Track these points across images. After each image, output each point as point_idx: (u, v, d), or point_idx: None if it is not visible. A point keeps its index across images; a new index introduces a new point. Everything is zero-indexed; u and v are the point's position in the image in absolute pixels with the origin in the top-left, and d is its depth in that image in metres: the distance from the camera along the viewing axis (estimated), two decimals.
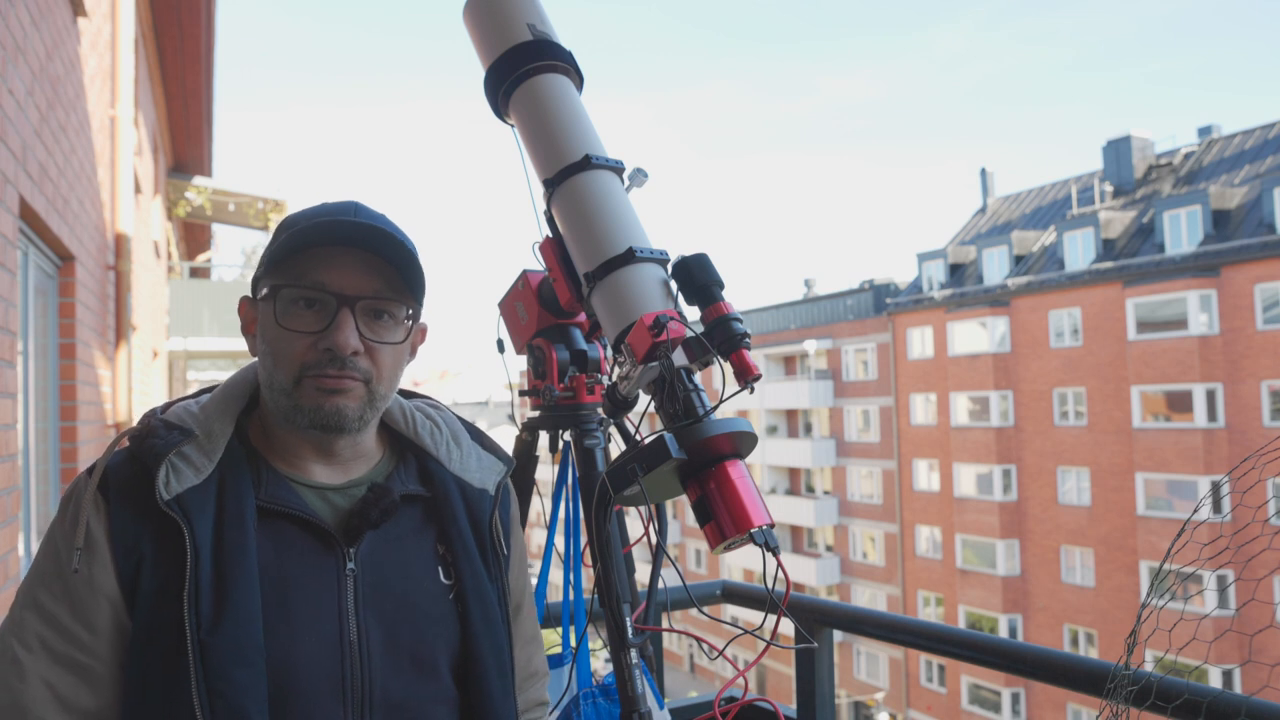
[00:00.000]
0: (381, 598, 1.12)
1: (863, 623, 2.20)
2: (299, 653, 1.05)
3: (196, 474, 1.07)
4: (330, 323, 1.09)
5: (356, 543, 1.12)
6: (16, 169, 3.18)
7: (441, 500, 1.21)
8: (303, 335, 1.09)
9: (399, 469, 1.21)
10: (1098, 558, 24.50)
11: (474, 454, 1.28)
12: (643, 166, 1.59)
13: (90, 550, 1.03)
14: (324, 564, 1.10)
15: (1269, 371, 21.03)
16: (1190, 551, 1.40)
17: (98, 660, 1.03)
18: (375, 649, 1.09)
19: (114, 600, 1.03)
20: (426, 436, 1.25)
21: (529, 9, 1.69)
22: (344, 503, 1.15)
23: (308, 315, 1.09)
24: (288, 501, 1.10)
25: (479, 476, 1.26)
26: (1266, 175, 23.21)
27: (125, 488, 1.06)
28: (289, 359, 1.09)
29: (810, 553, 34.09)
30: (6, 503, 3.07)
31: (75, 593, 1.03)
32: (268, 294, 1.11)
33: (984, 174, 33.76)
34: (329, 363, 1.08)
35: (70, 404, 4.41)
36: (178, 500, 1.04)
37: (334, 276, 1.09)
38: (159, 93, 8.86)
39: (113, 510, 1.05)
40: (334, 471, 1.17)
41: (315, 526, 1.10)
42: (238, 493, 1.07)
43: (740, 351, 1.29)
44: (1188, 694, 1.37)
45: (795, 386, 33.66)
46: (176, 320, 11.66)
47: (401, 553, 1.16)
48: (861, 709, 31.08)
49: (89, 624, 1.02)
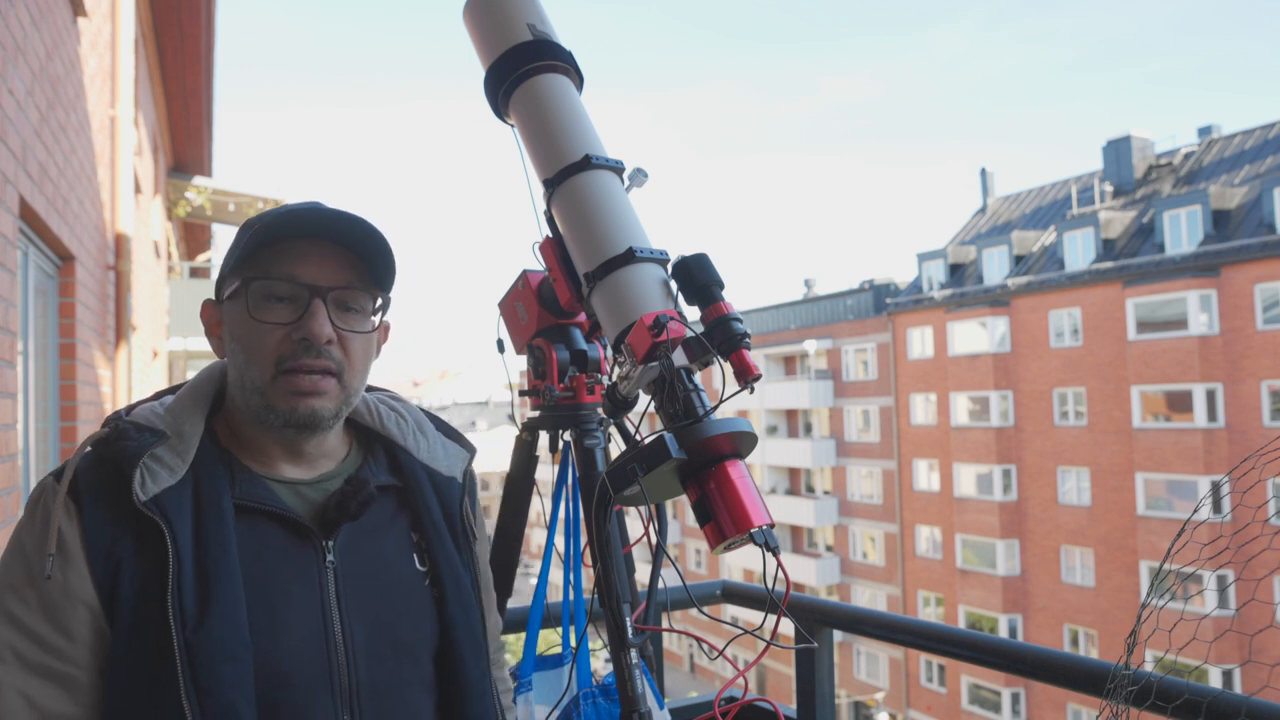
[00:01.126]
0: (361, 588, 1.13)
1: (863, 623, 2.20)
2: (285, 646, 1.05)
3: (171, 475, 1.07)
4: (304, 313, 1.10)
5: (334, 535, 1.13)
6: (16, 169, 3.18)
7: (413, 489, 1.23)
8: (276, 326, 1.09)
9: (368, 461, 1.23)
10: (1098, 558, 24.50)
11: (440, 443, 1.31)
12: (643, 166, 1.59)
13: (64, 556, 1.02)
14: (304, 558, 1.11)
15: (1269, 371, 21.02)
16: (1190, 551, 1.40)
17: (76, 667, 1.01)
18: (358, 638, 1.10)
19: (91, 606, 1.01)
20: (393, 427, 1.27)
21: (529, 9, 1.68)
22: (317, 497, 1.16)
23: (279, 308, 1.10)
24: (263, 498, 1.11)
25: (447, 465, 1.29)
26: (1266, 175, 23.21)
27: (98, 491, 1.05)
28: (263, 352, 1.10)
29: (810, 553, 34.08)
30: (6, 503, 3.07)
31: (49, 599, 1.01)
32: (237, 289, 1.12)
33: (984, 174, 33.75)
34: (304, 352, 1.09)
35: (70, 404, 4.41)
36: (155, 501, 1.04)
37: (304, 269, 1.11)
38: (159, 93, 8.85)
39: (86, 515, 1.03)
40: (303, 468, 1.18)
41: (292, 522, 1.11)
42: (214, 491, 1.07)
43: (740, 351, 1.29)
44: (1188, 694, 1.37)
45: (795, 386, 33.65)
46: (176, 320, 11.66)
47: (377, 542, 1.18)
48: (861, 709, 31.07)
49: (66, 631, 1.01)
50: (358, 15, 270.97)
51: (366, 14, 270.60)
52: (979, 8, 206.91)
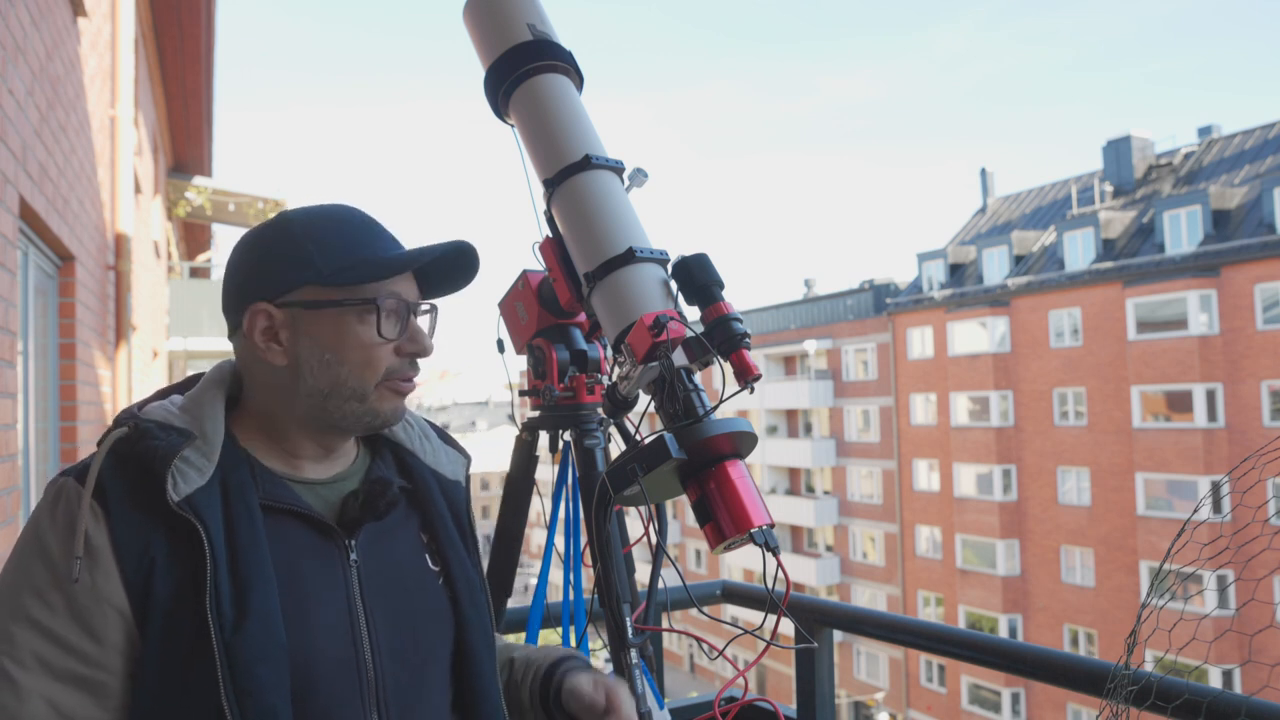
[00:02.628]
0: (384, 586, 1.14)
1: (863, 623, 2.20)
2: (315, 646, 1.06)
3: (200, 475, 1.05)
4: (403, 329, 1.16)
5: (356, 534, 1.14)
6: (16, 169, 3.18)
7: (422, 491, 1.25)
8: (388, 343, 1.15)
9: (376, 462, 1.24)
10: (1098, 558, 24.50)
11: (441, 448, 1.34)
12: (643, 166, 1.59)
13: (92, 559, 1.00)
14: (329, 557, 1.12)
15: (1269, 371, 21.02)
16: (1190, 551, 1.40)
17: (105, 672, 1.00)
18: (383, 636, 1.12)
19: (121, 609, 1.00)
20: (400, 431, 1.29)
21: (529, 9, 1.69)
22: (333, 496, 1.17)
23: (390, 323, 1.16)
24: (287, 498, 1.12)
25: (450, 469, 1.32)
26: (1266, 175, 23.21)
27: (126, 493, 1.03)
28: (375, 365, 1.14)
29: (810, 553, 34.09)
30: (6, 503, 3.07)
31: (77, 603, 0.99)
32: (341, 301, 1.12)
33: (984, 174, 33.76)
34: (410, 366, 1.18)
35: (70, 404, 4.41)
36: (189, 501, 1.02)
37: (404, 286, 1.18)
38: (159, 93, 8.86)
39: (114, 517, 1.01)
40: (323, 467, 1.19)
41: (315, 521, 1.12)
42: (242, 492, 1.08)
43: (740, 351, 1.30)
44: (1188, 694, 1.37)
45: (795, 386, 33.65)
46: (176, 320, 11.66)
47: (395, 542, 1.19)
48: (861, 709, 31.07)
49: (95, 635, 0.99)
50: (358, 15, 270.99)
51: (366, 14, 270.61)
52: (979, 8, 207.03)
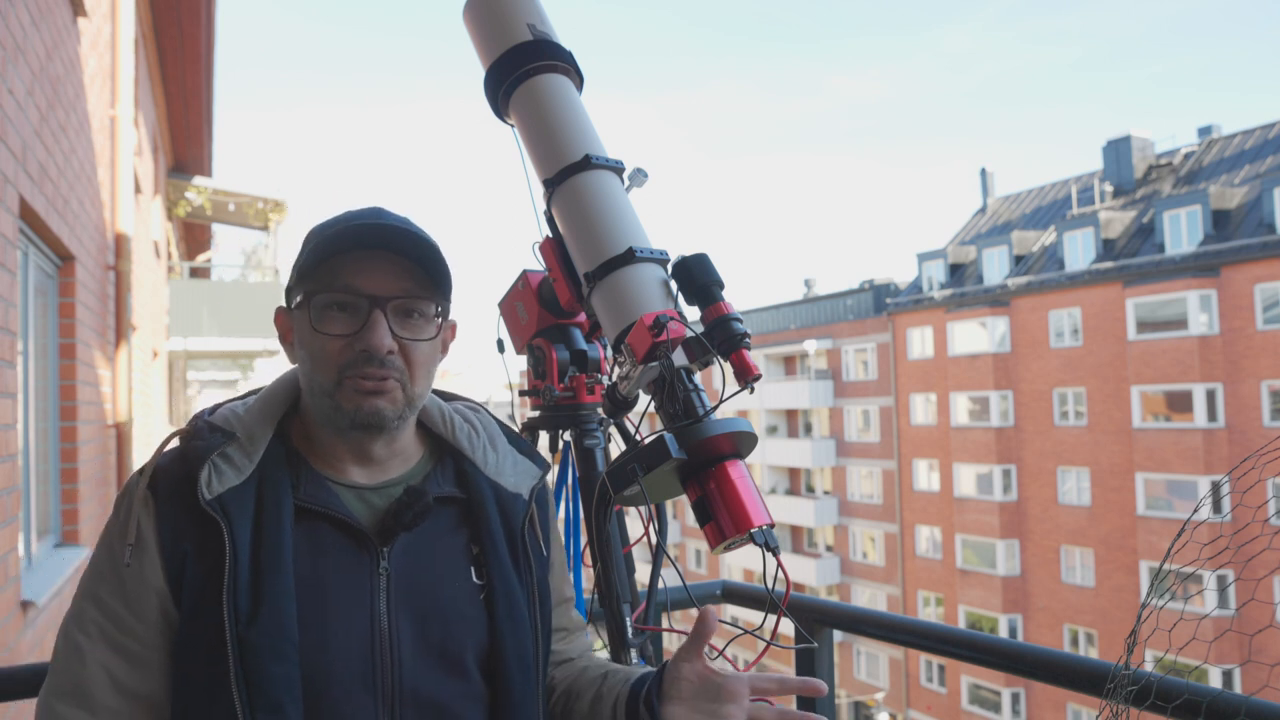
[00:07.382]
0: (413, 596, 1.14)
1: (863, 623, 2.20)
2: (331, 648, 1.08)
3: (238, 474, 1.12)
4: (364, 324, 1.13)
5: (390, 543, 1.15)
6: (16, 169, 3.18)
7: (476, 503, 1.23)
8: (337, 338, 1.13)
9: (435, 470, 1.24)
10: (1098, 558, 24.50)
11: (509, 458, 1.30)
12: (643, 166, 1.59)
13: (140, 546, 1.10)
14: (358, 563, 1.13)
15: (1269, 371, 21.02)
16: (1190, 551, 1.40)
17: (149, 648, 1.09)
18: (405, 646, 1.12)
19: (161, 593, 1.09)
20: (464, 439, 1.27)
21: (529, 9, 1.69)
22: (381, 502, 1.18)
23: (341, 318, 1.14)
24: (324, 501, 1.14)
25: (513, 481, 1.28)
26: (1266, 175, 23.21)
27: (172, 487, 1.12)
28: (326, 362, 1.14)
29: (810, 553, 34.09)
30: (6, 503, 3.07)
31: (128, 585, 1.09)
32: (301, 301, 1.16)
33: (984, 174, 33.76)
34: (365, 363, 1.13)
35: (70, 404, 4.41)
36: (219, 500, 1.10)
37: (364, 279, 1.14)
38: (159, 93, 8.86)
39: (160, 508, 1.11)
40: (371, 472, 1.20)
41: (351, 526, 1.14)
42: (276, 493, 1.12)
43: (740, 351, 1.30)
44: (1188, 694, 1.37)
45: (795, 386, 33.65)
46: (176, 320, 11.67)
47: (434, 553, 1.18)
48: (861, 709, 31.07)
49: (140, 614, 1.09)
50: (359, 15, 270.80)
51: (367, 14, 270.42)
52: (988, 8, 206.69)
